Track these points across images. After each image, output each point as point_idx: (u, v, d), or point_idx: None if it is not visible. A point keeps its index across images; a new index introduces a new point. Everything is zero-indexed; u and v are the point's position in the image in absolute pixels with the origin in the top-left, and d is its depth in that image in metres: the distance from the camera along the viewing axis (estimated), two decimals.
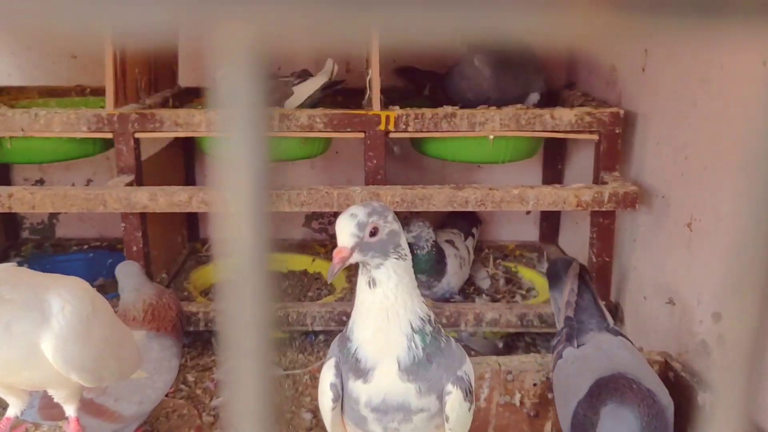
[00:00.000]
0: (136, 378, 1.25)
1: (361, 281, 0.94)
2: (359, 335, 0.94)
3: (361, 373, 0.94)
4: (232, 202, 0.25)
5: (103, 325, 1.06)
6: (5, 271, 0.98)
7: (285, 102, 1.98)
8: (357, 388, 0.95)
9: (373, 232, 0.90)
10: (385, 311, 0.93)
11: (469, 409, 0.97)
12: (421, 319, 0.94)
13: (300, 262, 2.44)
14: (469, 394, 0.96)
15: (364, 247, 0.90)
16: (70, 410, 1.05)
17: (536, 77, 2.17)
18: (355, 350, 0.94)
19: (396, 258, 0.92)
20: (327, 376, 0.98)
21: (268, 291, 0.26)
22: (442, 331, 0.98)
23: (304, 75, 2.12)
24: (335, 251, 0.90)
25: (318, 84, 2.03)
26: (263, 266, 0.25)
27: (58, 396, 1.05)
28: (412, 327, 0.93)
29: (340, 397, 0.97)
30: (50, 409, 1.21)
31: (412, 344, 0.93)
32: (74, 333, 0.97)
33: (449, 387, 0.94)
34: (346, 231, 0.90)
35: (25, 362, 0.95)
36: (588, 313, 1.39)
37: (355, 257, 0.90)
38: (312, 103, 2.02)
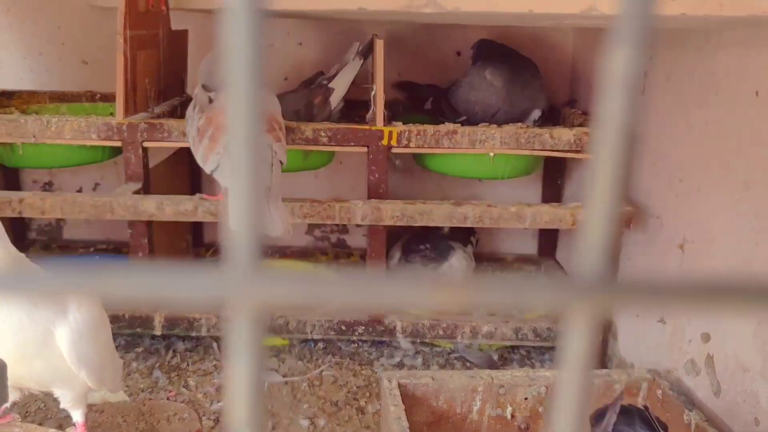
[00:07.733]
0: (117, 400, 1.31)
1: None
2: None
3: None
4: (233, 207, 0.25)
5: (107, 331, 1.12)
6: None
7: (330, 99, 2.03)
8: None
9: None
10: None
11: None
12: None
13: (302, 268, 2.49)
14: None
15: None
16: (77, 416, 1.09)
17: (540, 94, 2.21)
18: None
19: None
20: None
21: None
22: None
23: (323, 75, 2.15)
24: None
25: (355, 69, 2.06)
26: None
27: (65, 399, 1.08)
28: None
29: None
30: None
31: None
32: (87, 331, 1.03)
33: None
34: None
35: (40, 348, 1.00)
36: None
37: None
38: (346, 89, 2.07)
